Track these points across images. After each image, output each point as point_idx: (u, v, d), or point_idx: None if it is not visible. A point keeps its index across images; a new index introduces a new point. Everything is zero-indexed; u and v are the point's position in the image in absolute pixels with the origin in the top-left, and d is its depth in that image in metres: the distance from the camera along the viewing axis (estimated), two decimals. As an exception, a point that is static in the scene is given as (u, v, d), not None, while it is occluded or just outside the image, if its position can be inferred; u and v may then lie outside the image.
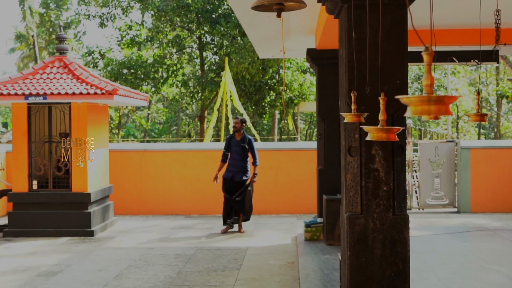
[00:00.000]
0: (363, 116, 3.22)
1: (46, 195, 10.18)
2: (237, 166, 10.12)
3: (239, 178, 10.12)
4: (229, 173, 10.18)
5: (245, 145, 10.11)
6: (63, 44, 10.72)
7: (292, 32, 9.16)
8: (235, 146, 10.17)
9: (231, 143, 10.22)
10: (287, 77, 25.44)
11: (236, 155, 10.14)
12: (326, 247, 8.18)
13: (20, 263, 8.26)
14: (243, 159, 10.14)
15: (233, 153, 10.18)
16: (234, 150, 10.16)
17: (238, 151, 10.13)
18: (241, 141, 10.15)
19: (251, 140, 10.22)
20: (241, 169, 10.13)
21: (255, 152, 10.24)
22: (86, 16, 28.30)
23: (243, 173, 10.15)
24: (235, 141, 10.19)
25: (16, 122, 10.20)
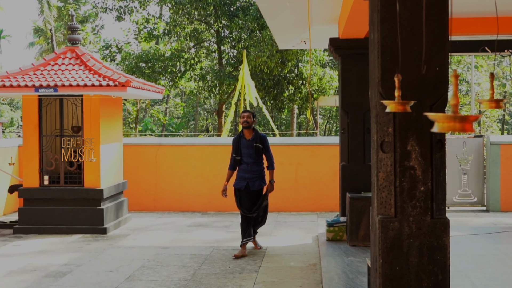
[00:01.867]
0: (409, 104, 2.75)
1: (58, 191, 9.82)
2: (252, 171, 8.26)
3: (256, 186, 8.26)
4: (241, 181, 8.28)
5: (259, 144, 8.26)
6: (75, 34, 10.33)
7: (313, 21, 8.68)
8: (246, 147, 8.27)
9: (241, 144, 8.30)
10: (307, 71, 24.93)
11: (249, 158, 8.26)
12: (350, 249, 7.71)
13: (29, 262, 7.89)
14: (258, 162, 8.33)
15: (244, 156, 8.28)
16: (246, 152, 8.27)
17: (251, 153, 8.25)
18: (253, 140, 8.26)
19: (265, 138, 8.39)
20: (257, 175, 8.30)
21: (271, 153, 8.43)
22: (103, 9, 28.00)
23: (259, 179, 8.31)
24: (245, 141, 8.28)
25: (27, 115, 9.84)
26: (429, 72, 3.80)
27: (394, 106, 2.69)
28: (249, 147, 8.25)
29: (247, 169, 8.27)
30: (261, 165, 8.36)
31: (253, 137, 8.27)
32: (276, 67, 23.72)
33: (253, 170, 8.26)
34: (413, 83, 3.80)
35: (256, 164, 8.29)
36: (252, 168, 8.26)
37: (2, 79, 9.55)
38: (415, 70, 3.79)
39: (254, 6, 24.48)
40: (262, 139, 8.32)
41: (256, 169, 8.28)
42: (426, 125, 3.82)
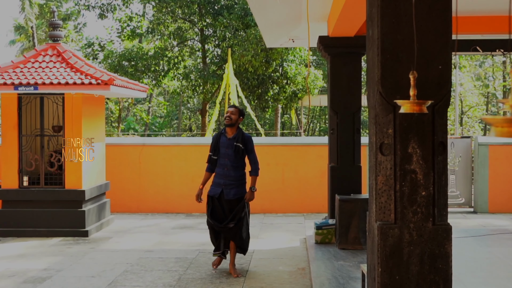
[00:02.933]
0: (425, 104, 2.54)
1: (38, 192, 9.52)
2: (228, 177, 7.01)
3: (231, 195, 6.98)
4: (216, 187, 7.05)
5: (240, 144, 7.01)
6: (57, 31, 10.03)
7: (302, 19, 8.48)
8: (225, 146, 7.05)
9: (220, 142, 7.11)
10: (291, 71, 24.76)
11: (227, 159, 7.03)
12: (340, 252, 7.51)
13: (7, 267, 7.59)
14: (237, 167, 7.04)
15: (222, 157, 7.06)
16: (224, 153, 7.04)
17: (229, 154, 7.01)
18: (234, 139, 7.05)
19: (249, 139, 7.13)
20: (235, 181, 7.03)
21: (255, 156, 7.17)
22: (85, 7, 27.60)
23: (237, 187, 7.03)
24: (225, 139, 7.08)
25: (5, 114, 9.52)
26: (431, 71, 3.61)
27: (409, 107, 2.48)
28: (228, 146, 7.02)
29: (223, 174, 7.02)
30: (241, 171, 7.09)
31: (235, 136, 7.05)
32: (260, 66, 23.53)
33: (230, 175, 7.00)
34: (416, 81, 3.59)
35: (235, 168, 7.02)
36: (229, 173, 7.01)
37: (-20, 76, 9.22)
38: (416, 68, 3.58)
39: (239, 5, 24.26)
40: (246, 139, 7.06)
41: (233, 174, 7.01)
42: (428, 126, 3.62)
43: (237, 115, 7.10)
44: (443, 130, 3.67)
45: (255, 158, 7.18)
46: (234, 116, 7.09)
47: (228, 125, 7.10)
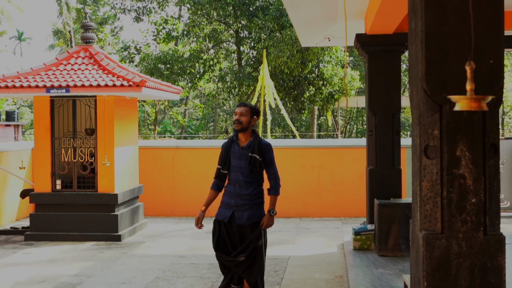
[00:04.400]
0: (485, 100, 2.24)
1: (70, 196, 9.41)
2: (240, 195, 5.58)
3: (243, 219, 5.57)
4: (225, 209, 5.65)
5: (256, 155, 5.56)
6: (89, 32, 9.92)
7: (338, 16, 8.18)
8: (238, 157, 5.62)
9: (231, 152, 5.68)
10: (328, 71, 24.40)
11: (240, 174, 5.60)
12: (379, 259, 7.17)
13: (38, 272, 7.47)
14: (251, 182, 5.60)
15: (233, 170, 5.63)
16: (237, 165, 5.62)
17: (242, 168, 5.58)
18: (249, 148, 5.60)
19: (268, 147, 5.68)
20: (247, 202, 5.59)
21: (276, 170, 5.75)
22: (121, 10, 27.75)
23: (251, 209, 5.60)
24: (237, 148, 5.65)
25: (38, 117, 9.45)
26: (481, 66, 3.29)
27: (465, 103, 2.18)
28: (241, 157, 5.57)
29: (234, 192, 5.57)
30: (257, 188, 5.62)
31: (250, 144, 5.59)
32: (296, 68, 23.25)
33: (242, 194, 5.56)
34: (463, 78, 3.28)
35: (249, 185, 5.57)
36: (241, 191, 5.56)
37: (13, 79, 9.16)
38: (465, 63, 3.26)
39: (274, 6, 24.02)
40: (264, 148, 5.60)
41: (247, 192, 5.56)
42: (478, 127, 3.30)
43: (249, 116, 5.58)
44: (495, 130, 3.34)
45: (275, 172, 5.70)
46: (244, 117, 5.57)
47: (238, 130, 5.58)
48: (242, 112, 5.59)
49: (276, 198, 5.73)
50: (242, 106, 5.65)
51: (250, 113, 5.61)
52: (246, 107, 5.63)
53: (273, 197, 5.70)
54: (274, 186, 5.72)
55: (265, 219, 5.58)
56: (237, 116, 5.59)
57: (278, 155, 11.67)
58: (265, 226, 5.58)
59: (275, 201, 5.70)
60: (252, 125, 5.66)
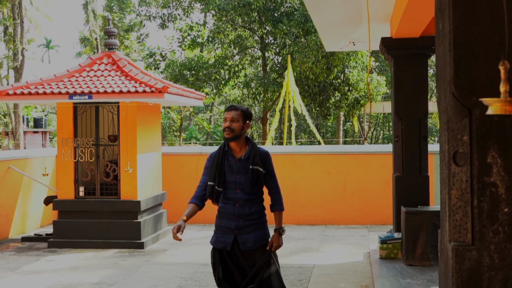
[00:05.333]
0: (522, 103, 2.08)
1: (93, 203, 9.37)
2: (242, 216, 4.68)
3: (249, 243, 4.68)
4: (224, 235, 4.72)
5: (259, 168, 4.69)
6: (112, 39, 9.89)
7: (363, 20, 8.02)
8: (235, 171, 4.69)
9: (225, 165, 4.72)
10: (353, 77, 24.18)
11: (239, 191, 4.67)
12: (406, 269, 6.97)
13: (60, 280, 7.41)
14: (254, 199, 4.73)
15: (231, 187, 4.69)
16: (235, 181, 4.68)
17: (243, 183, 4.68)
18: (247, 160, 4.70)
19: (268, 156, 4.81)
20: (252, 222, 4.71)
21: (277, 181, 4.89)
22: (147, 17, 27.89)
23: (257, 229, 4.74)
24: (233, 161, 4.70)
25: (61, 123, 9.43)
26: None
27: (499, 107, 2.02)
28: (239, 171, 4.67)
29: (235, 213, 4.66)
30: (260, 204, 4.78)
31: (248, 155, 4.69)
32: (321, 73, 23.08)
33: (245, 214, 4.66)
34: (494, 81, 3.12)
35: (252, 202, 4.70)
36: (243, 210, 4.66)
37: (36, 86, 9.16)
38: (496, 65, 3.10)
39: (299, 11, 23.90)
40: (264, 158, 4.75)
41: (251, 211, 4.69)
42: (510, 132, 3.12)
43: (241, 121, 4.66)
44: (529, 136, 3.16)
45: (277, 184, 4.86)
46: (236, 123, 4.63)
47: (229, 139, 4.64)
48: (233, 117, 4.65)
49: (282, 214, 4.87)
50: (232, 110, 4.70)
51: (242, 118, 4.67)
52: (237, 111, 4.68)
53: (279, 214, 4.83)
54: (278, 201, 4.84)
55: (273, 239, 4.67)
56: (228, 122, 4.64)
57: (304, 161, 11.61)
58: (275, 248, 4.69)
59: (282, 217, 4.86)
60: (245, 131, 4.72)
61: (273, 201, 4.84)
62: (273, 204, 4.84)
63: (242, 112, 4.70)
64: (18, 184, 10.56)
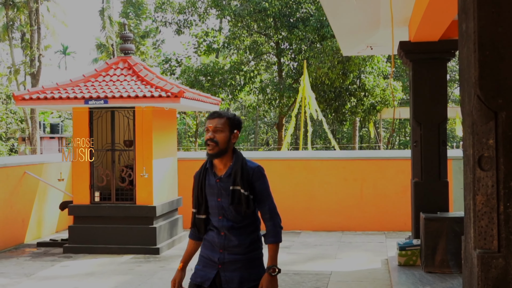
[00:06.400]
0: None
1: (109, 208, 9.33)
2: (227, 247, 3.72)
3: (235, 284, 3.71)
4: (205, 268, 3.77)
5: (239, 188, 3.68)
6: (128, 43, 9.87)
7: (381, 24, 7.92)
8: (215, 194, 3.75)
9: (206, 185, 3.80)
10: (369, 82, 24.04)
11: (221, 218, 3.75)
12: (426, 276, 6.84)
13: (75, 286, 7.37)
14: (244, 227, 3.76)
15: (213, 214, 3.78)
16: (216, 206, 3.75)
17: (225, 208, 3.73)
18: (229, 177, 3.73)
19: (257, 173, 3.78)
20: (239, 256, 3.72)
21: (273, 204, 3.81)
22: (163, 23, 27.97)
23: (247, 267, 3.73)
24: (213, 180, 3.76)
25: (77, 128, 9.41)
26: (541, 69, 3.00)
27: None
28: (220, 193, 3.72)
29: (220, 243, 3.72)
30: (253, 234, 3.77)
31: (229, 172, 3.72)
32: (337, 79, 22.97)
33: (232, 246, 3.71)
34: (521, 82, 3.01)
35: (241, 230, 3.73)
36: (229, 241, 3.71)
37: (52, 91, 9.16)
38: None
39: (314, 17, 23.83)
40: (251, 175, 3.73)
41: (239, 242, 3.71)
42: (538, 135, 3.02)
43: (227, 131, 3.69)
44: (557, 140, 3.05)
45: (273, 208, 3.78)
46: (220, 135, 3.67)
47: (213, 155, 3.68)
48: (216, 127, 3.67)
49: (278, 247, 3.74)
50: (215, 117, 3.71)
51: (228, 127, 3.70)
52: (221, 118, 3.70)
53: (272, 247, 3.72)
54: (273, 230, 3.74)
55: (263, 283, 3.64)
56: (210, 133, 3.66)
57: (320, 167, 11.50)
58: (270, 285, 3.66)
59: (277, 252, 3.73)
60: (232, 143, 3.72)
61: (266, 230, 3.76)
62: (266, 234, 3.76)
63: (228, 119, 3.71)
64: (33, 189, 10.56)
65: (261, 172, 3.81)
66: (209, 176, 3.79)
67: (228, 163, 3.75)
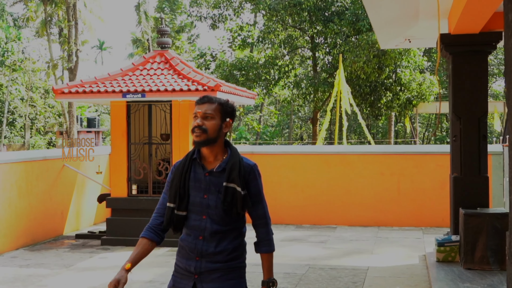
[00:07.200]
0: None
1: (146, 201, 9.41)
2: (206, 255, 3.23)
3: None
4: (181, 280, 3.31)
5: (236, 186, 3.22)
6: (165, 37, 9.93)
7: (420, 16, 7.80)
8: (202, 190, 3.25)
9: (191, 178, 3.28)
10: (405, 77, 23.77)
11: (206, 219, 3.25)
12: (465, 273, 6.73)
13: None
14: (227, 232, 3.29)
15: (194, 212, 3.25)
16: (200, 203, 3.25)
17: (211, 207, 3.23)
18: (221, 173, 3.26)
19: (254, 171, 3.33)
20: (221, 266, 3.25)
21: (266, 208, 3.41)
22: (197, 18, 28.09)
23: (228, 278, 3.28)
24: (201, 174, 3.27)
25: (115, 121, 9.51)
26: None
27: None
28: (208, 189, 3.26)
29: (197, 249, 3.24)
30: (236, 240, 3.34)
31: (223, 166, 3.27)
32: (373, 73, 22.76)
33: (211, 253, 3.23)
34: None
35: (223, 236, 3.27)
36: (208, 247, 3.24)
37: (90, 84, 9.27)
38: None
39: (350, 10, 23.65)
40: (248, 172, 3.31)
41: (220, 249, 3.26)
42: None
43: (218, 119, 3.23)
44: None
45: (265, 212, 3.40)
46: (210, 122, 3.21)
47: (200, 143, 3.21)
48: (205, 113, 3.21)
49: (272, 257, 3.43)
50: (206, 102, 3.24)
51: (220, 114, 3.24)
52: (212, 104, 3.23)
53: (267, 257, 3.40)
54: (266, 237, 3.39)
55: None
56: (198, 119, 3.21)
57: (356, 162, 11.42)
58: None
59: (271, 262, 3.42)
60: (225, 133, 3.28)
61: (258, 237, 3.37)
62: (258, 242, 3.37)
63: (220, 106, 3.24)
64: (72, 182, 10.71)
65: (258, 171, 3.37)
66: (196, 168, 3.29)
67: (219, 155, 3.29)
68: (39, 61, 40.59)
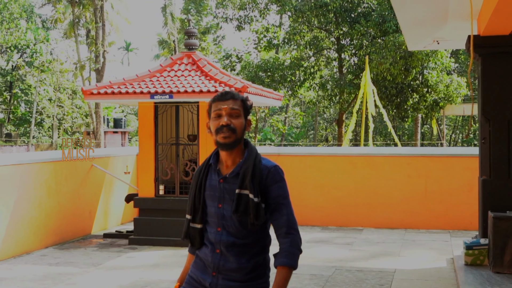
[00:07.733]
0: None
1: (173, 202, 9.47)
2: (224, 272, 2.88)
3: None
4: None
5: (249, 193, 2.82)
6: (192, 39, 9.99)
7: (449, 17, 7.75)
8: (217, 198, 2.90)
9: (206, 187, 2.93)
10: (432, 78, 23.59)
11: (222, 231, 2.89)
12: (494, 276, 6.67)
13: (140, 276, 7.53)
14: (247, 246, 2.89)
15: (211, 224, 2.92)
16: (215, 214, 2.90)
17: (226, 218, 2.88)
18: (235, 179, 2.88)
19: (276, 175, 2.90)
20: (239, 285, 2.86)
21: (293, 217, 2.90)
22: (223, 19, 28.20)
23: None
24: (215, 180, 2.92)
25: (143, 122, 9.59)
26: None
27: None
28: (223, 197, 2.91)
29: (214, 263, 2.91)
30: (258, 257, 2.95)
31: (238, 170, 2.89)
32: (399, 74, 22.64)
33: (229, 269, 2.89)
34: None
35: (244, 249, 2.90)
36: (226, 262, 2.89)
37: (119, 85, 9.37)
38: None
39: (376, 12, 23.56)
40: (267, 176, 2.90)
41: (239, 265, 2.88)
42: None
43: (243, 118, 2.91)
44: None
45: (292, 220, 2.92)
46: (238, 121, 2.88)
47: (229, 145, 2.87)
48: (233, 108, 2.87)
49: (291, 274, 2.87)
50: (229, 98, 2.89)
51: (243, 112, 2.92)
52: (236, 100, 2.90)
53: (284, 272, 2.86)
54: (289, 249, 2.89)
55: None
56: (225, 117, 2.86)
57: (383, 164, 11.37)
58: None
59: (288, 280, 2.86)
60: (245, 132, 2.94)
61: (281, 249, 2.90)
62: (278, 253, 2.90)
63: (243, 102, 2.92)
64: (100, 182, 10.83)
65: (279, 173, 2.93)
66: (212, 174, 2.94)
67: (238, 158, 2.92)
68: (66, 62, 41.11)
